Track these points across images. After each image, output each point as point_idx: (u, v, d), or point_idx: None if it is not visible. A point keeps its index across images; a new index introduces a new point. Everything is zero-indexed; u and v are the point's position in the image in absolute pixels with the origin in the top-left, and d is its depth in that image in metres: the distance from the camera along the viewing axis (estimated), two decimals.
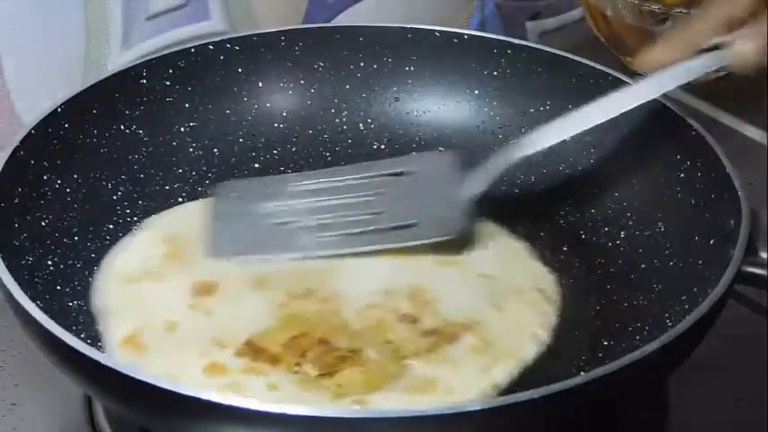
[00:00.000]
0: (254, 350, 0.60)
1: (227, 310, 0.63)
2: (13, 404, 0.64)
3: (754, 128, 0.88)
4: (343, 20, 0.91)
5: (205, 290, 0.64)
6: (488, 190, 0.67)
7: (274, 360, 0.60)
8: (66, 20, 0.77)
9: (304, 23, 0.89)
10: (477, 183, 0.67)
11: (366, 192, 0.69)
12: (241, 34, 0.77)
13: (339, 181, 0.70)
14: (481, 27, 1.00)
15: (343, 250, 0.66)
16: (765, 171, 0.79)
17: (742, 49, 0.63)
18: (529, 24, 1.04)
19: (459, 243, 0.67)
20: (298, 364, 0.60)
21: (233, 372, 0.59)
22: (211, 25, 0.84)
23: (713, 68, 0.65)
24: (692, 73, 0.65)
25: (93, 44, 0.79)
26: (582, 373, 0.56)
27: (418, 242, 0.66)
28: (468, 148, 0.74)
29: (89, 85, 0.70)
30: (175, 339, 0.61)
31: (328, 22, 0.90)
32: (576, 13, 1.04)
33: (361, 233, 0.67)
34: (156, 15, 0.81)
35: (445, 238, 0.66)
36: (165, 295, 0.64)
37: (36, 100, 0.73)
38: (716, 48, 0.64)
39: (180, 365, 0.59)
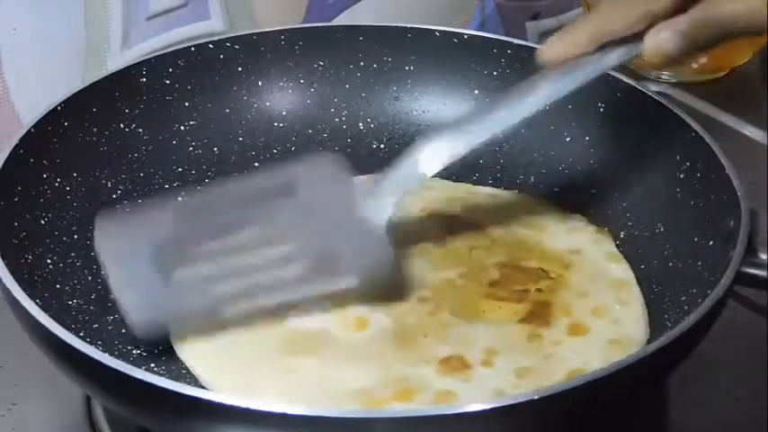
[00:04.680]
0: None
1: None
2: (13, 404, 0.64)
3: (754, 128, 0.88)
4: (343, 20, 0.91)
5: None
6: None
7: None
8: (66, 20, 0.77)
9: (304, 23, 0.89)
10: (386, 205, 0.61)
11: (271, 232, 0.60)
12: (241, 34, 0.77)
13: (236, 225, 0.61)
14: (481, 27, 1.00)
15: (272, 300, 0.60)
16: (765, 171, 0.79)
17: (656, 41, 0.57)
18: (529, 24, 1.03)
19: None
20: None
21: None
22: (211, 25, 0.84)
23: (619, 62, 0.60)
24: (599, 67, 0.60)
25: (93, 44, 0.79)
26: None
27: (351, 284, 0.60)
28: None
29: (89, 84, 0.70)
30: None
31: (328, 22, 0.90)
32: (575, 14, 1.04)
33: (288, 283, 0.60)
34: (156, 15, 0.81)
35: (378, 275, 0.61)
36: None
37: (36, 100, 0.73)
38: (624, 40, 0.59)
39: None
